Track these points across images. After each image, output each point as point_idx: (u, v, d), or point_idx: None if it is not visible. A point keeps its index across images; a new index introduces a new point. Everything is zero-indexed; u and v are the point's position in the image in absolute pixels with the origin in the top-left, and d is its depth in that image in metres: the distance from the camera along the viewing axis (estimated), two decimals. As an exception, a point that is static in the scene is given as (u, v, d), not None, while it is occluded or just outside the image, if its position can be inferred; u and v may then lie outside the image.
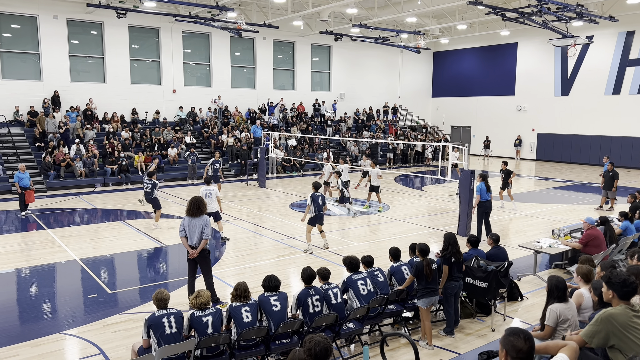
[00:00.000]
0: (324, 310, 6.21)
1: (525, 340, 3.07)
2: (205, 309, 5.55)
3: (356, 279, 6.70)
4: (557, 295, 5.10)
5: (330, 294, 6.34)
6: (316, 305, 6.13)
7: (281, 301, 5.95)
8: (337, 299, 6.35)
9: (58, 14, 23.00)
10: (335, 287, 6.45)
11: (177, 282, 9.30)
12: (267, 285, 6.03)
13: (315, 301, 6.14)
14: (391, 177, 24.19)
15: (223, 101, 27.86)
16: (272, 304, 5.89)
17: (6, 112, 22.17)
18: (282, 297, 5.99)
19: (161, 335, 5.28)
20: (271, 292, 6.01)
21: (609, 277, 4.31)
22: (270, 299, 5.93)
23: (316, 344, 3.35)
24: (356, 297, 6.57)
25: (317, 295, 6.19)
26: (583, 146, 29.60)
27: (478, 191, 11.92)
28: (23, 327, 7.42)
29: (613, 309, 4.19)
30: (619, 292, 4.22)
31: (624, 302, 4.22)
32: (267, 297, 5.95)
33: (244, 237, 12.68)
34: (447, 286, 6.90)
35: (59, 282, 9.63)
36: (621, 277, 4.23)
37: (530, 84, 31.90)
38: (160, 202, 13.84)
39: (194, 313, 5.51)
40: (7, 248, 11.65)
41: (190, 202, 7.82)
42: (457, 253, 6.87)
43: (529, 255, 10.20)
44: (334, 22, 28.41)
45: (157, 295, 5.52)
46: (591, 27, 26.65)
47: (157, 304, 5.50)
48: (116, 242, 12.23)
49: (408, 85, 36.77)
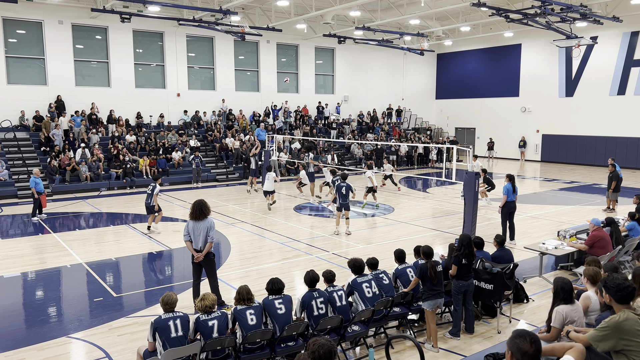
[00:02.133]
0: (328, 312, 6.20)
1: (532, 343, 3.06)
2: (211, 313, 5.56)
3: (361, 281, 6.69)
4: (563, 296, 5.08)
5: (335, 297, 6.33)
6: (320, 308, 6.12)
7: (286, 304, 5.95)
8: (341, 302, 6.34)
9: (63, 19, 23.15)
10: (340, 290, 6.44)
11: (182, 285, 9.31)
12: (271, 288, 6.03)
13: (320, 304, 6.13)
14: (395, 179, 24.14)
15: (227, 104, 27.94)
16: (276, 307, 5.90)
17: (12, 117, 22.31)
18: (286, 300, 5.99)
19: (167, 339, 5.29)
20: (275, 295, 6.01)
21: (605, 282, 4.38)
22: (274, 302, 5.93)
23: (320, 347, 3.35)
24: (361, 299, 6.55)
25: (322, 298, 6.19)
26: (588, 147, 29.48)
27: (505, 191, 12.06)
28: (29, 330, 7.45)
29: (620, 316, 4.17)
30: (615, 296, 4.27)
31: (624, 306, 4.25)
32: (272, 300, 5.95)
33: (249, 240, 12.69)
34: (454, 285, 6.91)
35: (64, 286, 9.66)
36: (616, 282, 4.28)
37: (535, 85, 31.82)
38: (162, 206, 13.84)
39: (200, 317, 5.52)
40: (13, 252, 11.70)
41: (193, 205, 7.81)
42: (469, 255, 6.91)
43: (535, 256, 10.15)
44: (338, 24, 28.45)
45: (164, 299, 5.52)
46: (595, 27, 26.58)
47: (164, 307, 5.51)
48: (121, 246, 12.26)
49: (412, 87, 36.75)
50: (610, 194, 16.07)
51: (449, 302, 7.28)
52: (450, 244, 8.00)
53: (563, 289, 5.10)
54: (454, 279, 6.97)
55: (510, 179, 12.17)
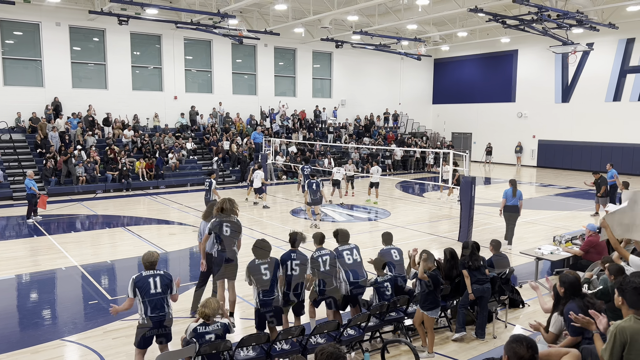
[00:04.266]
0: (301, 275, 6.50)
1: (528, 348, 3.06)
2: (209, 324, 5.40)
3: (342, 249, 6.93)
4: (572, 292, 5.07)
5: (319, 261, 6.61)
6: (294, 269, 6.44)
7: (271, 269, 6.21)
8: (325, 267, 6.62)
9: (60, 21, 23.12)
10: (325, 255, 6.73)
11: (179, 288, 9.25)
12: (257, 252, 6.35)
13: (295, 265, 6.45)
14: (391, 183, 24.18)
15: (224, 108, 27.91)
16: (262, 272, 6.15)
17: (8, 119, 22.24)
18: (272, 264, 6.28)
19: (146, 295, 5.49)
20: (261, 259, 6.24)
21: (621, 284, 4.13)
22: (260, 267, 6.18)
23: (329, 356, 3.25)
24: (342, 268, 6.80)
25: (298, 260, 6.49)
26: (584, 153, 29.59)
27: (504, 195, 12.21)
28: (23, 333, 7.40)
29: (622, 322, 4.01)
30: (630, 300, 4.01)
31: (633, 311, 4.02)
32: (258, 264, 6.19)
33: (244, 243, 12.63)
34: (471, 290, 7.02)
35: (59, 289, 9.62)
36: (633, 284, 4.00)
37: (531, 90, 31.96)
38: (158, 209, 13.82)
39: (197, 328, 5.37)
40: (7, 254, 11.64)
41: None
42: (471, 258, 7.09)
43: (531, 262, 10.17)
44: (335, 29, 28.52)
45: (144, 257, 5.72)
46: (591, 34, 26.73)
47: (145, 265, 5.69)
48: (117, 248, 12.22)
49: (409, 92, 36.85)
50: (602, 200, 16.13)
51: (443, 306, 7.28)
52: (445, 249, 8.00)
53: (572, 285, 5.07)
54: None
55: (512, 184, 12.29)
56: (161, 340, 5.65)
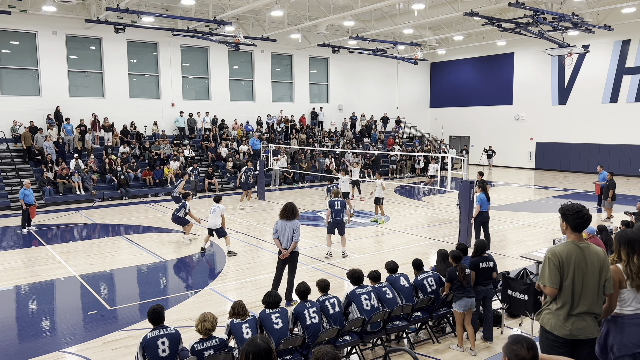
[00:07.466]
0: (323, 321, 6.16)
1: (529, 349, 3.02)
2: (207, 340, 5.34)
3: (360, 292, 6.58)
4: None
5: (327, 305, 6.29)
6: (313, 317, 6.05)
7: (282, 318, 5.89)
8: (334, 309, 6.30)
9: (57, 30, 23.12)
10: (332, 298, 6.40)
11: (177, 297, 9.23)
12: (268, 301, 5.98)
13: (312, 313, 6.08)
14: (390, 187, 24.17)
15: (220, 114, 27.72)
16: (273, 321, 5.84)
17: (5, 129, 22.19)
18: (283, 314, 5.94)
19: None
20: (272, 308, 5.96)
21: (563, 209, 4.38)
22: (271, 317, 5.87)
23: (324, 354, 3.27)
24: (359, 311, 6.48)
25: (314, 308, 6.15)
26: (582, 155, 29.64)
27: (478, 201, 11.89)
28: (22, 345, 7.35)
29: (555, 246, 4.33)
30: (572, 223, 4.30)
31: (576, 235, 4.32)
32: (269, 314, 5.89)
33: (244, 250, 12.62)
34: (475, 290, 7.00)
35: (58, 299, 9.55)
36: (575, 208, 4.29)
37: (528, 93, 32.03)
38: (156, 217, 13.78)
39: (196, 346, 5.29)
40: (5, 265, 11.57)
41: (285, 206, 8.63)
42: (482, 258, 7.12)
43: (531, 265, 10.13)
44: (332, 34, 28.58)
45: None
46: (587, 36, 26.83)
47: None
48: (115, 258, 12.17)
49: (406, 96, 36.91)
50: (607, 203, 16.11)
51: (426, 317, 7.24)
52: (439, 250, 7.98)
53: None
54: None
55: (482, 189, 11.91)
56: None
